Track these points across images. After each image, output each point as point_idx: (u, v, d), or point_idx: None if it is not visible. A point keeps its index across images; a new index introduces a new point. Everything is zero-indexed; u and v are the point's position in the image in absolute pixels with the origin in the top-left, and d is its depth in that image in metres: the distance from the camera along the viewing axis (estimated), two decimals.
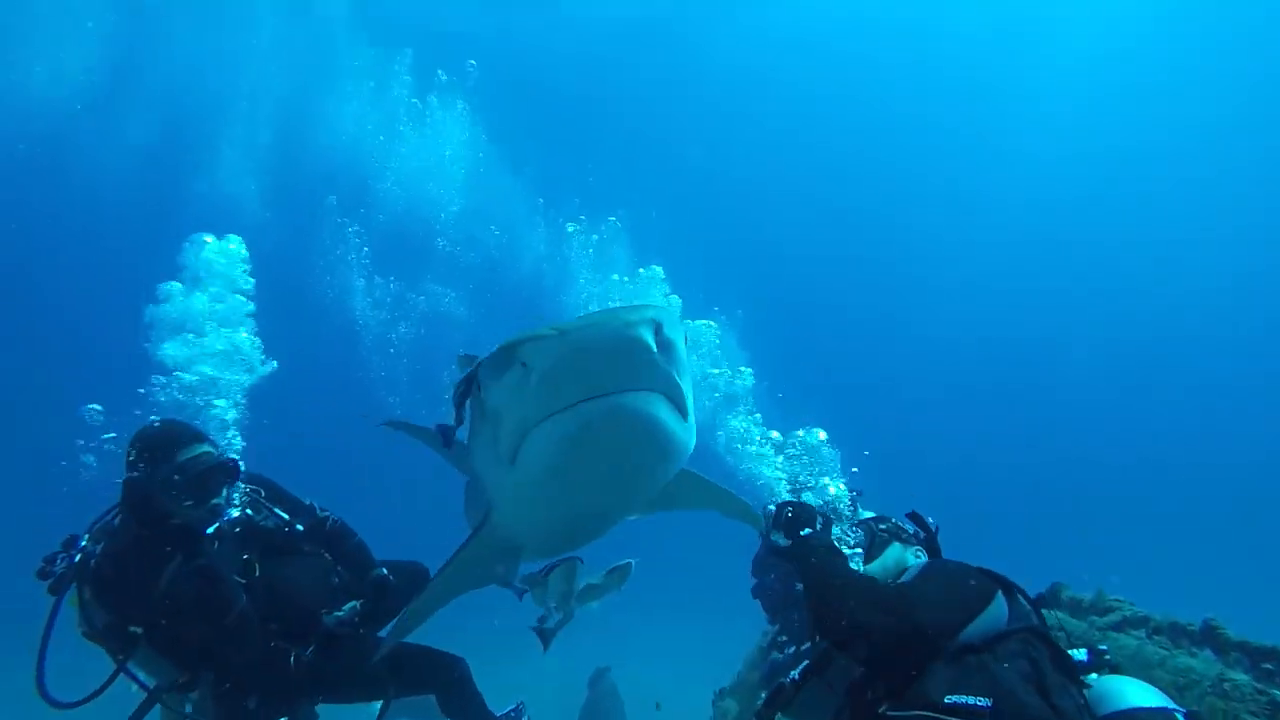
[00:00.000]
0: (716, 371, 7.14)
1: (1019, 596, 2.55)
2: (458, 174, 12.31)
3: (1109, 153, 31.49)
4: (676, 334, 2.91)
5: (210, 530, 3.51)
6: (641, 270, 8.50)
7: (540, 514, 3.50)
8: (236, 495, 3.71)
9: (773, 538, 3.08)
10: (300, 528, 3.90)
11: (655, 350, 2.72)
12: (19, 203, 20.59)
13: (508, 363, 2.85)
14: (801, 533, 2.95)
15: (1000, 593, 2.49)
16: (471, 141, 12.48)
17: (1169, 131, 31.04)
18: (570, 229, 10.20)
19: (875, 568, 3.01)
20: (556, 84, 24.73)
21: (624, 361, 2.70)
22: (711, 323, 7.72)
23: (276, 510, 3.86)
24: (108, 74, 15.88)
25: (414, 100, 12.92)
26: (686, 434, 3.03)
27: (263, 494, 3.83)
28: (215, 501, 3.52)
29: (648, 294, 8.11)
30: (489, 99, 13.05)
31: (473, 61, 12.73)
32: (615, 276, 8.72)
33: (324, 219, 12.33)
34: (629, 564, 4.43)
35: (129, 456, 3.54)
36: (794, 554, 2.93)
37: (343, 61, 15.96)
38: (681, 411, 2.94)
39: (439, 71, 12.78)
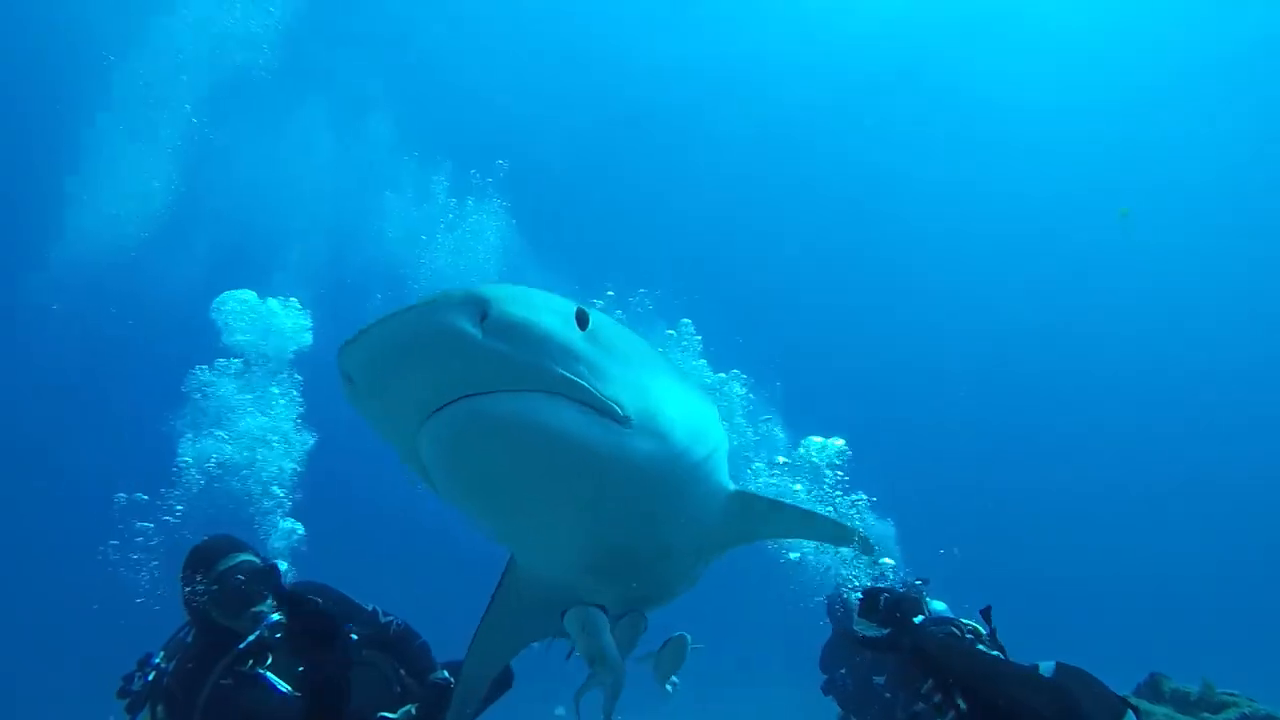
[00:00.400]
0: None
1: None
2: (492, 268, 13.02)
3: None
4: (544, 315, 2.34)
5: (251, 638, 3.50)
6: (670, 331, 8.83)
7: (518, 547, 3.20)
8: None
9: (856, 627, 3.01)
10: (355, 636, 3.82)
11: (482, 337, 2.19)
12: (87, 320, 21.97)
13: (343, 377, 2.38)
14: (914, 619, 2.91)
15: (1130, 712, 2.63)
16: (503, 233, 13.23)
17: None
18: (598, 305, 10.70)
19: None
20: (577, 167, 26.26)
21: (451, 359, 2.18)
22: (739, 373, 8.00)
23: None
24: (172, 196, 17.22)
25: (451, 200, 13.81)
26: (613, 435, 2.42)
27: (318, 601, 3.76)
28: (258, 609, 3.53)
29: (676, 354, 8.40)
30: (518, 191, 13.89)
31: (502, 161, 13.62)
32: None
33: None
34: (682, 637, 3.78)
35: (182, 574, 3.72)
36: (900, 643, 2.87)
37: (387, 175, 17.13)
38: (600, 408, 2.38)
39: (473, 172, 13.70)
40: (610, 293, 10.91)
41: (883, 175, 32.34)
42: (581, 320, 2.45)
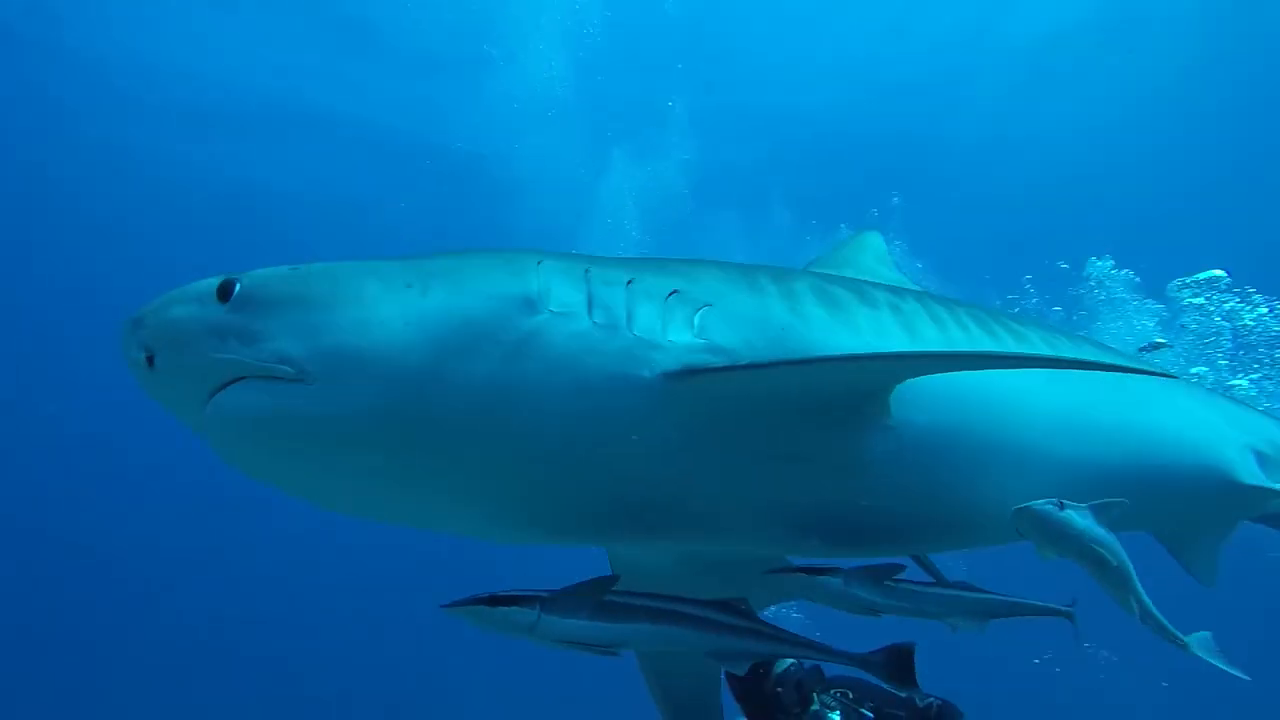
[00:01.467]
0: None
1: None
2: None
3: None
4: (177, 311, 2.21)
5: None
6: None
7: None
8: (827, 699, 3.79)
9: None
10: None
11: (147, 366, 2.19)
12: None
13: None
14: None
15: None
16: None
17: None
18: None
19: None
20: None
21: (148, 391, 2.30)
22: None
23: (863, 710, 3.87)
24: None
25: None
26: (295, 395, 2.11)
27: (850, 695, 3.83)
28: (813, 709, 3.65)
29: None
30: None
31: None
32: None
33: None
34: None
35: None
36: None
37: None
38: (263, 374, 2.13)
39: None
40: None
41: None
42: (224, 293, 2.21)
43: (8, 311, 21.31)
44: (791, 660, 3.59)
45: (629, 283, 2.37)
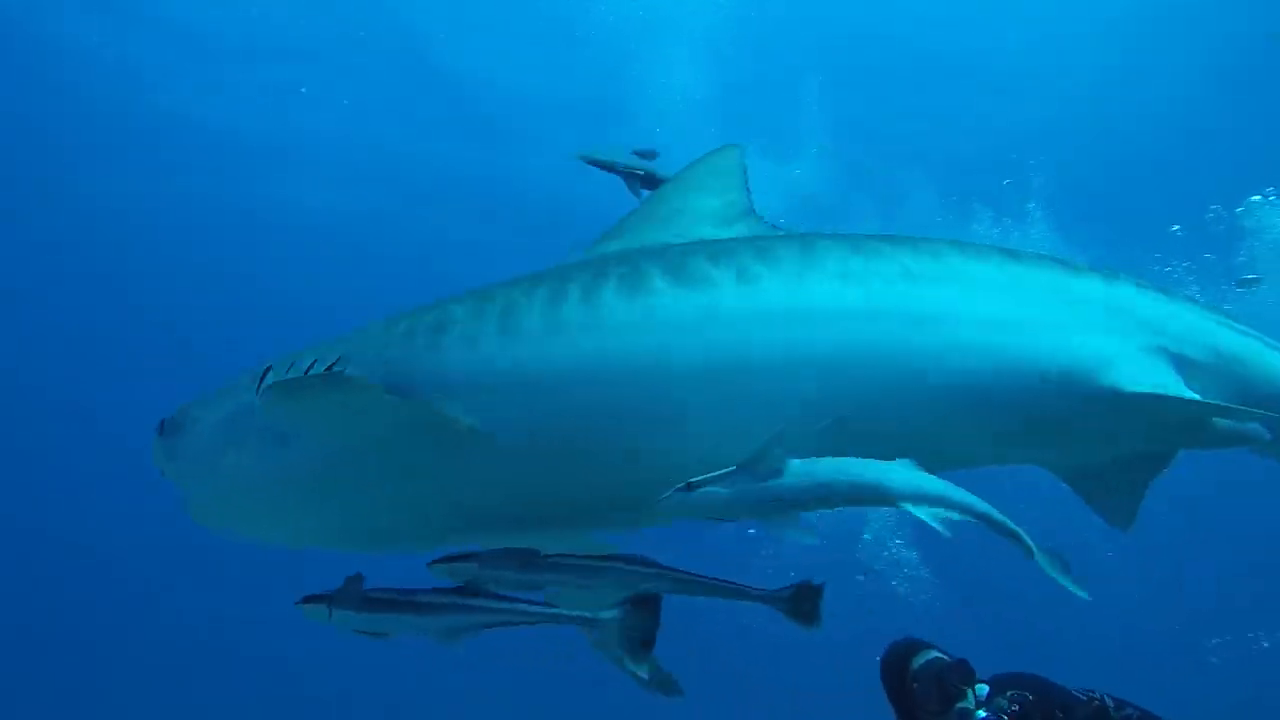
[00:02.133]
0: None
1: None
2: None
3: None
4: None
5: None
6: None
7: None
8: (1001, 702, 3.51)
9: None
10: None
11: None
12: None
13: None
14: None
15: None
16: None
17: None
18: None
19: None
20: None
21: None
22: None
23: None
24: None
25: None
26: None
27: (1030, 697, 3.52)
28: (961, 705, 3.42)
29: None
30: None
31: None
32: None
33: None
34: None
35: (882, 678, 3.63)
36: None
37: None
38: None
39: None
40: None
41: None
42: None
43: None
44: (935, 652, 3.46)
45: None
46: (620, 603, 2.66)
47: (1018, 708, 3.22)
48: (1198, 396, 2.88)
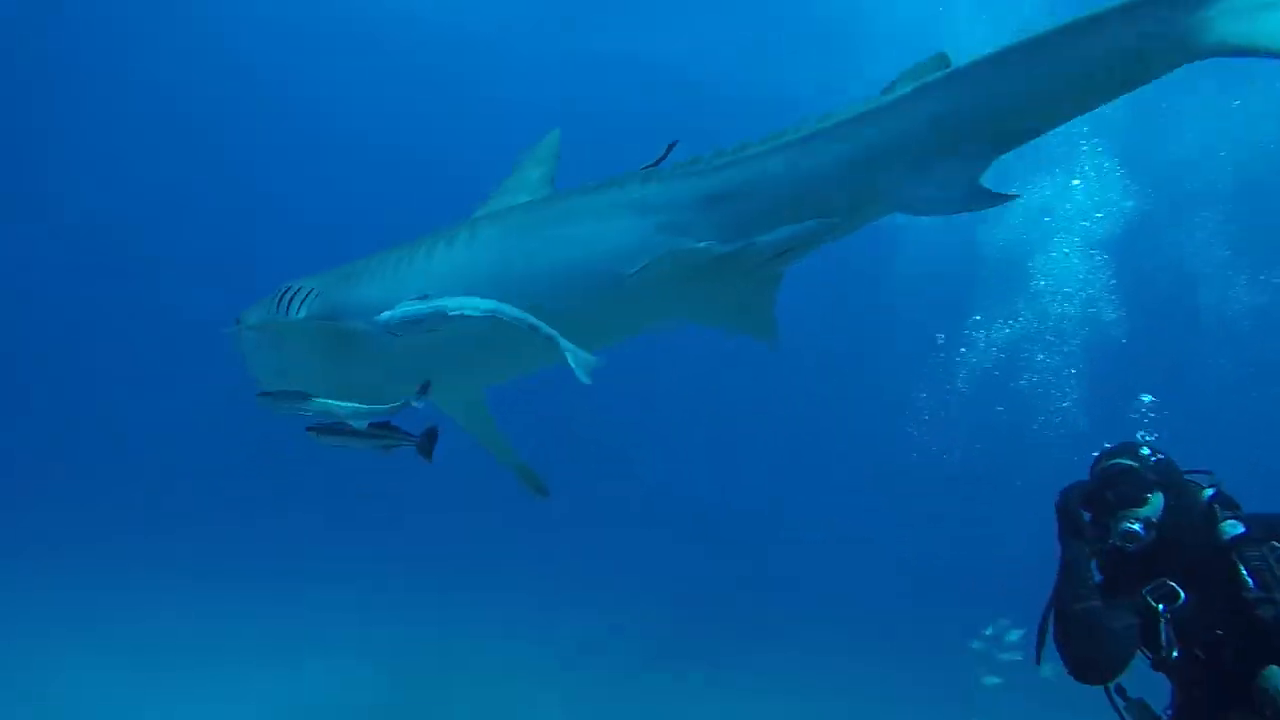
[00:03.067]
0: None
1: None
2: None
3: None
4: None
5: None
6: None
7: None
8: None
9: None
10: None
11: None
12: None
13: None
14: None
15: None
16: None
17: None
18: None
19: None
20: None
21: None
22: None
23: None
24: None
25: None
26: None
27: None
28: (1125, 525, 2.72)
29: None
30: None
31: None
32: None
33: None
34: None
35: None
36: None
37: None
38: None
39: None
40: None
41: None
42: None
43: None
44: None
45: None
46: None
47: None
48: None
